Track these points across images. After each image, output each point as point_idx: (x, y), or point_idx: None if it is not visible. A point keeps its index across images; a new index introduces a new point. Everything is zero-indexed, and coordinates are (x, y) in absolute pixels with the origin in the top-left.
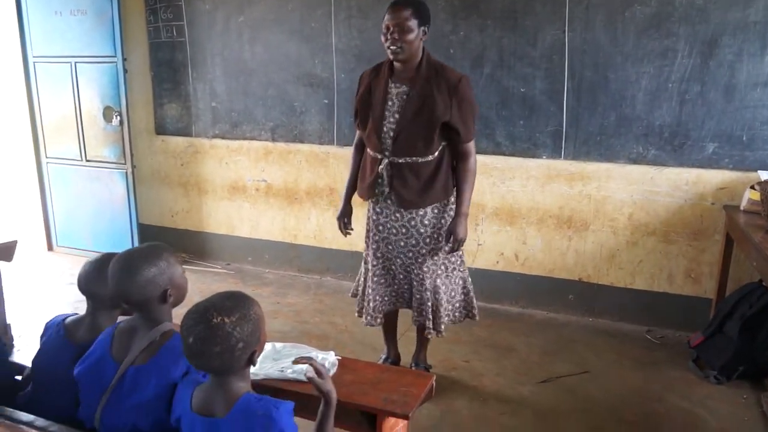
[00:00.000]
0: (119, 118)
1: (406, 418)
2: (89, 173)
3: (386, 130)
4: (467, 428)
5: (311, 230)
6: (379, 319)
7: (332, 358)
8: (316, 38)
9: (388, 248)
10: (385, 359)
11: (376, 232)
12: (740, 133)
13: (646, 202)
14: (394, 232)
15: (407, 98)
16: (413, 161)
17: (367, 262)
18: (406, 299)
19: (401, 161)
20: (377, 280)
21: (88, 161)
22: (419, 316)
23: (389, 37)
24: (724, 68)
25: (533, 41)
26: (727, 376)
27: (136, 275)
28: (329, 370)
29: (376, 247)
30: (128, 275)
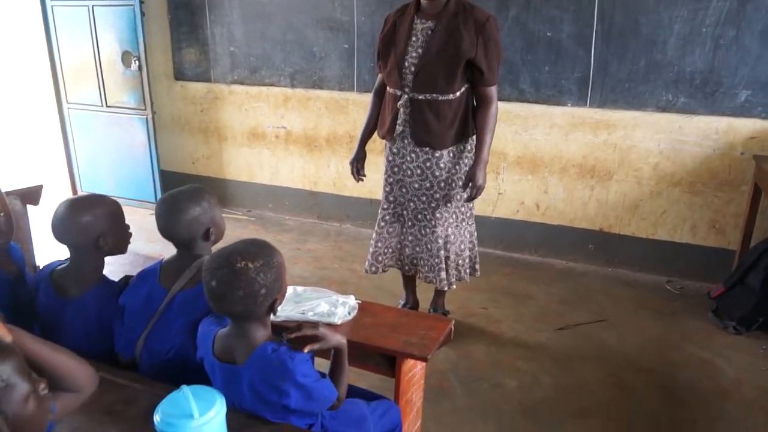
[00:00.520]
0: (138, 63)
1: (424, 360)
2: (110, 119)
3: (408, 65)
4: (484, 372)
5: (331, 178)
6: (376, 267)
7: (352, 301)
8: None
9: (401, 191)
10: (403, 305)
11: (391, 173)
12: None
13: (672, 151)
14: (408, 173)
15: (432, 33)
16: (433, 98)
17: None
18: (407, 258)
19: (421, 98)
20: (384, 226)
21: (108, 107)
22: (429, 271)
23: None
24: (761, 12)
25: None
26: (746, 326)
27: (182, 214)
28: (349, 313)
29: (389, 190)
30: (174, 215)
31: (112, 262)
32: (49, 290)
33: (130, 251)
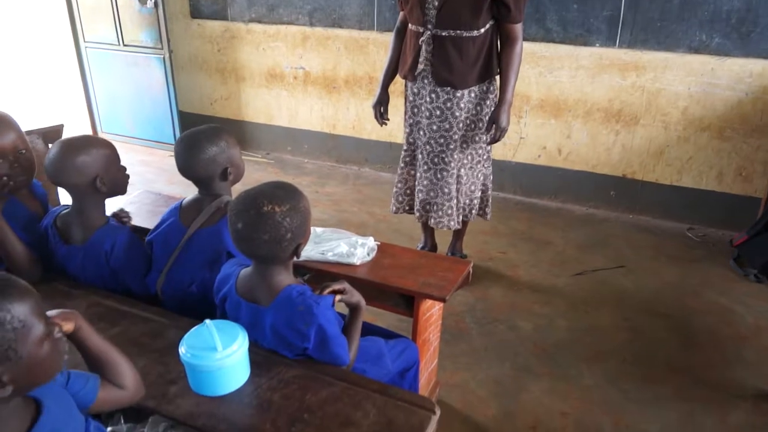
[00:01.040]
0: (153, 0)
1: (442, 300)
2: (127, 58)
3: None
4: (500, 314)
5: (350, 120)
6: (397, 207)
7: (371, 243)
8: None
9: (419, 134)
10: (422, 248)
11: (411, 114)
12: None
13: (703, 95)
14: (427, 114)
15: None
16: (456, 35)
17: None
18: (420, 203)
19: (444, 34)
20: (404, 167)
21: (125, 46)
22: (442, 216)
23: None
24: None
25: None
26: None
27: (199, 153)
28: (368, 254)
29: (408, 131)
30: (192, 153)
31: (135, 201)
32: (56, 238)
33: (152, 191)
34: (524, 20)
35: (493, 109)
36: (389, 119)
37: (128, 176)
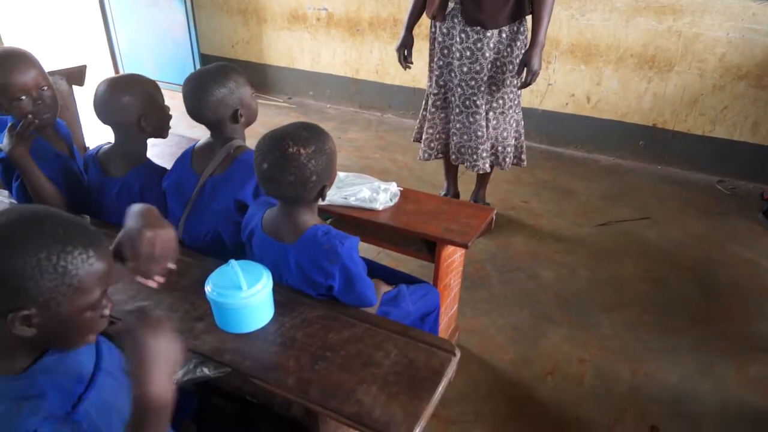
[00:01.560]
0: None
1: (464, 246)
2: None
3: None
4: (521, 262)
5: (373, 65)
6: (429, 153)
7: (394, 188)
8: None
9: (450, 75)
10: (444, 194)
11: (440, 56)
12: None
13: (742, 41)
14: (458, 56)
15: None
16: None
17: (428, 95)
18: (454, 146)
19: None
20: (435, 112)
21: None
22: (477, 159)
23: None
24: None
25: None
26: None
27: (206, 96)
28: (391, 200)
29: (438, 74)
30: (199, 96)
31: (158, 143)
32: (96, 168)
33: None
34: None
35: (524, 51)
36: (413, 63)
37: (170, 116)
